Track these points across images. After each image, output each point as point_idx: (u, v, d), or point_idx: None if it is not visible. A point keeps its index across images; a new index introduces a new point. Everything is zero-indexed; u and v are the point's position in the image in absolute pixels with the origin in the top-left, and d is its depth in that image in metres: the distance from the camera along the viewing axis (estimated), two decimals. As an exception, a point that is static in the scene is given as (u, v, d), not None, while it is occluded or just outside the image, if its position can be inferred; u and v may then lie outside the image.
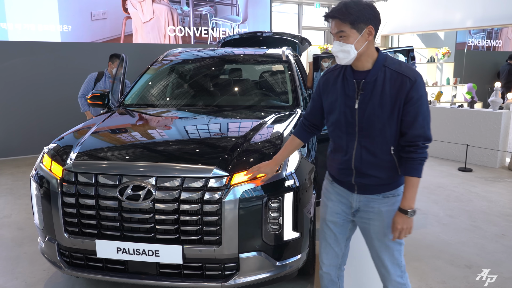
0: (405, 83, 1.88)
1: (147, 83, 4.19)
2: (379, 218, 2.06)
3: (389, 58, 1.97)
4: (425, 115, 1.91)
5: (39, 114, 7.19)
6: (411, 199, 1.97)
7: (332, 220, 2.20)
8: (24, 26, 7.04)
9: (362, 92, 1.94)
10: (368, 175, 2.02)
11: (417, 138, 1.91)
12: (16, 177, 5.97)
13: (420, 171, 1.96)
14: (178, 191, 2.45)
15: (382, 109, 1.92)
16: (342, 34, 1.89)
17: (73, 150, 2.78)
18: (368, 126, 1.95)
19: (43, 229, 2.78)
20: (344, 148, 2.05)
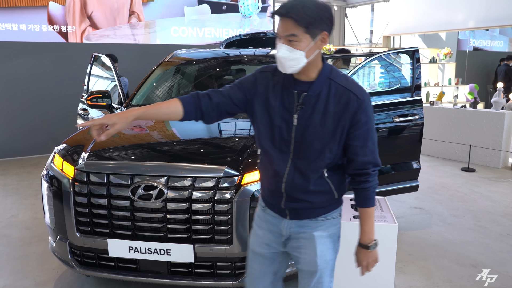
0: (352, 101, 1.63)
1: (154, 84, 4.22)
2: (311, 245, 1.79)
3: (335, 70, 1.71)
4: (374, 139, 1.72)
5: (43, 114, 7.21)
6: (370, 231, 1.79)
7: (260, 252, 1.88)
8: (28, 26, 7.07)
9: (303, 107, 1.66)
10: (300, 200, 1.75)
11: (367, 165, 1.70)
12: (21, 177, 6.00)
13: (373, 200, 1.76)
14: (189, 191, 2.48)
15: (324, 129, 1.66)
16: (293, 38, 1.57)
17: (84, 150, 2.81)
18: (306, 146, 1.68)
19: (54, 229, 2.81)
20: (275, 167, 1.75)
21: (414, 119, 3.99)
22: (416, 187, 4.18)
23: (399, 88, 4.18)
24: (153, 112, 1.73)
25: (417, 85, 4.07)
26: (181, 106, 1.72)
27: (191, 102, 1.74)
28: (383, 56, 4.14)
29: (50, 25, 7.25)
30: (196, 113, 1.75)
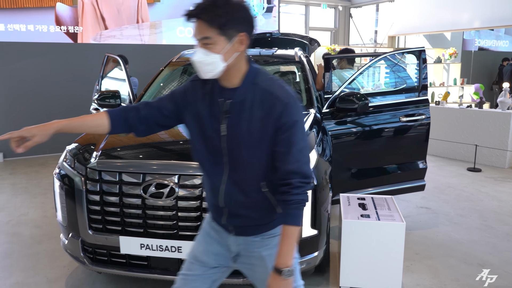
0: (276, 105, 1.51)
1: (161, 84, 4.26)
2: (262, 264, 1.68)
3: (261, 73, 1.59)
4: (301, 147, 1.53)
5: (49, 114, 7.26)
6: (286, 254, 1.52)
7: (204, 260, 1.75)
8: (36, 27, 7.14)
9: (229, 115, 1.56)
10: (241, 215, 1.65)
11: (291, 175, 1.51)
12: (30, 176, 6.05)
13: (297, 218, 1.53)
14: (200, 189, 2.52)
15: (251, 137, 1.54)
16: (207, 41, 1.47)
17: (96, 149, 2.85)
18: (237, 157, 1.57)
19: (66, 226, 2.85)
20: (211, 181, 1.66)
21: (421, 118, 4.01)
22: (423, 187, 4.21)
23: (405, 88, 4.20)
24: (77, 125, 1.65)
25: (424, 85, 4.10)
26: (108, 119, 1.64)
27: (118, 115, 1.66)
28: (389, 56, 4.16)
29: (57, 26, 7.32)
30: (123, 126, 1.68)
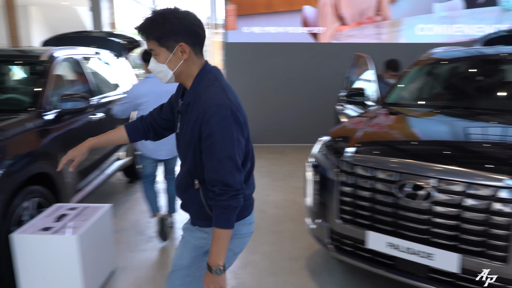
0: (203, 112, 1.60)
1: (410, 83, 4.15)
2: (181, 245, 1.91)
3: (206, 80, 1.67)
4: (221, 157, 1.58)
5: (291, 105, 7.96)
6: (216, 254, 1.65)
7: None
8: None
9: (179, 115, 1.75)
10: (184, 201, 1.84)
11: (214, 183, 1.61)
12: (271, 162, 6.76)
13: (221, 221, 1.62)
14: (461, 197, 2.35)
15: (186, 137, 1.70)
16: (153, 52, 1.65)
17: (350, 143, 2.96)
18: (181, 154, 1.79)
19: (315, 212, 3.07)
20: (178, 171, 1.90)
21: None
22: None
23: None
24: (104, 140, 1.99)
25: None
26: (125, 132, 1.96)
27: (132, 127, 1.97)
28: None
29: (303, 27, 7.92)
30: (138, 135, 1.98)
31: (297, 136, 8.00)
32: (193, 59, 1.68)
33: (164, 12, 1.60)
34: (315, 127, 7.89)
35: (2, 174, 2.69)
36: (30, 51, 4.38)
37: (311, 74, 7.91)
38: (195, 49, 1.67)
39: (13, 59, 4.22)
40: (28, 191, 2.96)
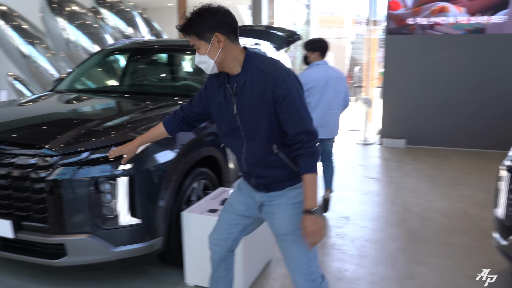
0: (269, 81, 1.82)
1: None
2: (279, 211, 1.98)
3: (257, 57, 1.91)
4: (300, 110, 1.83)
5: (453, 100, 7.12)
6: (312, 197, 1.84)
7: (236, 208, 2.15)
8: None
9: (237, 96, 1.89)
10: (263, 176, 1.98)
11: (299, 135, 1.82)
12: (431, 165, 6.12)
13: (312, 167, 1.83)
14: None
15: (256, 111, 1.86)
16: (195, 47, 1.88)
17: None
18: (249, 129, 1.92)
19: (509, 227, 2.56)
20: (236, 154, 2.06)
21: None
22: None
23: None
24: (149, 137, 2.26)
25: None
26: (163, 127, 2.19)
27: (168, 122, 2.19)
28: None
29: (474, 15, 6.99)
30: (174, 129, 2.20)
31: (462, 140, 7.13)
32: (230, 46, 1.87)
33: (199, 11, 1.84)
34: (487, 131, 6.94)
35: (177, 154, 2.82)
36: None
37: (486, 70, 6.93)
38: (230, 37, 1.87)
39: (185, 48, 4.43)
40: (197, 173, 3.06)
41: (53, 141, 2.53)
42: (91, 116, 3.21)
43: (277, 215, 1.99)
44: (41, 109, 3.41)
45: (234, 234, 2.17)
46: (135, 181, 2.54)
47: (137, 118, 3.00)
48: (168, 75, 4.62)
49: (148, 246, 2.66)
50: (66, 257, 2.50)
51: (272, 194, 1.99)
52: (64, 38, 7.15)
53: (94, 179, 2.46)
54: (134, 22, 7.93)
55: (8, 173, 2.50)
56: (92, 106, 3.51)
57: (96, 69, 4.53)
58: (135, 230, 2.60)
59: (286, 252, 2.01)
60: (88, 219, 2.48)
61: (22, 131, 2.80)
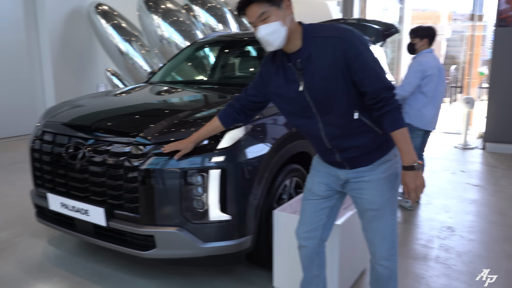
0: (337, 45, 1.72)
1: None
2: (371, 187, 1.91)
3: (314, 27, 1.81)
4: (374, 67, 1.74)
5: None
6: (409, 152, 1.76)
7: (316, 191, 2.05)
8: None
9: (302, 72, 1.80)
10: (348, 147, 1.88)
11: (380, 92, 1.73)
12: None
13: (401, 121, 1.76)
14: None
15: (329, 80, 1.76)
16: (264, 16, 1.72)
17: None
18: (323, 102, 1.81)
19: None
20: (312, 133, 1.92)
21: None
22: None
23: None
24: (204, 133, 2.29)
25: None
26: (219, 121, 2.22)
27: (223, 115, 2.21)
28: None
29: None
30: (230, 121, 2.21)
31: None
32: (293, 16, 1.79)
33: None
34: None
35: (271, 148, 2.64)
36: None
37: None
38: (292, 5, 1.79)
39: None
40: (289, 169, 2.87)
41: (146, 130, 2.47)
42: (182, 107, 3.15)
43: (368, 190, 1.93)
44: (135, 100, 3.41)
45: (323, 221, 2.08)
46: (228, 175, 2.40)
47: None
48: (257, 67, 4.49)
49: (237, 245, 2.51)
50: (155, 249, 2.44)
51: (360, 170, 1.92)
52: (158, 35, 7.37)
53: (185, 171, 2.36)
54: (225, 19, 7.98)
55: (103, 160, 2.49)
56: (183, 98, 3.45)
57: (188, 62, 4.53)
58: (225, 227, 2.46)
59: (372, 224, 1.96)
60: (178, 211, 2.39)
61: (117, 119, 2.78)
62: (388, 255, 1.97)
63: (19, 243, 3.27)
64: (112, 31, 7.75)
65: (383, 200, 1.91)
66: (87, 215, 2.54)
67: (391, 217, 1.94)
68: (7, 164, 5.71)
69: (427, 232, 3.64)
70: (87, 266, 2.92)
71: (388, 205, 1.92)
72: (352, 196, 2.01)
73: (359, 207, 2.00)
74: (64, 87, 8.09)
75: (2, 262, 2.99)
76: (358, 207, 2.01)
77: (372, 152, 1.89)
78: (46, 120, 2.92)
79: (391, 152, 1.92)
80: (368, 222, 1.98)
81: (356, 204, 2.01)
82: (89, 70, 8.58)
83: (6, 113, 7.55)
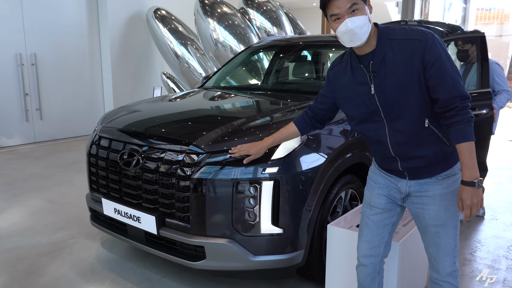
0: (416, 47, 1.64)
1: None
2: (435, 202, 1.81)
3: (390, 29, 1.73)
4: (452, 74, 1.64)
5: None
6: (473, 167, 1.65)
7: (376, 205, 1.95)
8: None
9: (374, 74, 1.72)
10: (413, 157, 1.78)
11: (453, 100, 1.63)
12: None
13: (470, 134, 1.64)
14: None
15: (403, 84, 1.68)
16: (355, 7, 1.63)
17: None
18: (393, 107, 1.72)
19: None
20: (377, 139, 1.83)
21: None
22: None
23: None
24: (279, 138, 2.21)
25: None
26: (295, 127, 2.16)
27: (300, 121, 2.15)
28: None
29: None
30: (307, 128, 2.15)
31: None
32: None
33: None
34: None
35: (326, 160, 2.51)
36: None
37: None
38: None
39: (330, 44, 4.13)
40: (345, 181, 2.72)
41: (200, 138, 2.43)
42: (236, 114, 3.07)
43: (432, 206, 1.83)
44: (189, 106, 3.38)
45: (385, 238, 2.00)
46: (281, 187, 2.30)
47: (281, 119, 2.76)
48: (312, 73, 4.35)
49: (289, 259, 2.40)
50: (204, 260, 2.39)
51: (423, 182, 1.82)
52: (213, 38, 7.42)
53: (237, 181, 2.29)
54: (280, 22, 7.90)
55: (156, 168, 2.47)
56: (237, 104, 3.39)
57: (242, 66, 4.49)
58: (276, 240, 2.36)
59: (435, 240, 1.86)
60: (229, 223, 2.32)
61: (171, 126, 2.76)
62: (451, 271, 1.88)
63: (74, 245, 3.35)
64: (169, 35, 7.90)
65: (447, 215, 1.81)
66: (139, 222, 2.54)
67: (454, 232, 1.85)
68: (68, 164, 5.94)
69: (493, 251, 3.35)
70: (138, 271, 2.93)
71: (452, 220, 1.83)
72: (413, 211, 1.91)
73: (421, 222, 1.89)
74: (121, 90, 8.35)
75: (58, 263, 3.06)
76: (419, 222, 1.91)
77: (436, 163, 1.80)
78: (102, 126, 2.96)
79: (457, 165, 1.82)
80: (431, 238, 1.88)
81: (417, 219, 1.91)
82: (146, 73, 8.81)
83: (69, 114, 7.89)
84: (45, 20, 7.37)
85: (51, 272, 2.94)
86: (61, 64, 7.70)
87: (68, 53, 7.79)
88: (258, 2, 8.05)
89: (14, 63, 7.05)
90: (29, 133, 7.40)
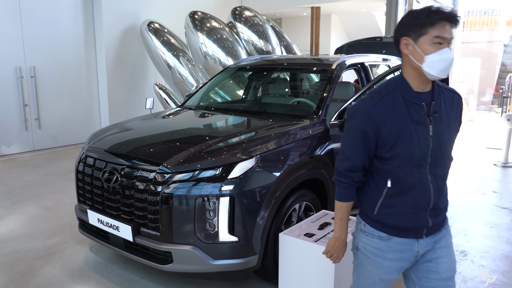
0: (458, 100, 1.76)
1: None
2: (448, 253, 1.80)
3: None
4: None
5: None
6: None
7: (389, 278, 1.83)
8: None
9: (435, 115, 1.67)
10: (441, 208, 1.76)
11: None
12: None
13: None
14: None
15: (450, 131, 1.73)
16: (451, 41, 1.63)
17: None
18: (442, 153, 1.70)
19: None
20: (418, 185, 1.68)
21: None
22: None
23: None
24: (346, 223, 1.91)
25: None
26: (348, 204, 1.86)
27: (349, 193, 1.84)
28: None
29: None
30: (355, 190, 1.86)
31: None
32: None
33: None
34: None
35: (281, 174, 2.93)
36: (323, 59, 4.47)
37: None
38: None
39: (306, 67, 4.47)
40: (299, 194, 3.14)
41: (169, 160, 2.85)
42: (207, 135, 3.49)
43: (445, 258, 1.78)
44: (167, 127, 3.83)
45: None
46: (236, 202, 2.73)
47: (251, 139, 3.11)
48: (288, 93, 4.75)
49: (244, 263, 2.83)
50: (172, 263, 2.81)
51: (437, 235, 1.78)
52: (203, 51, 7.84)
53: (199, 197, 2.71)
54: (266, 35, 8.31)
55: (132, 184, 2.90)
56: (211, 125, 3.81)
57: (221, 86, 4.89)
58: (233, 247, 2.79)
59: None
60: (193, 232, 2.75)
61: (146, 148, 3.19)
62: None
63: (66, 249, 3.78)
64: (161, 46, 8.34)
65: (455, 264, 1.83)
66: (118, 231, 2.97)
67: None
68: (63, 172, 6.38)
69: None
70: (120, 273, 3.36)
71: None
72: (423, 271, 1.82)
73: (433, 278, 1.80)
74: (117, 100, 8.80)
75: (51, 265, 3.49)
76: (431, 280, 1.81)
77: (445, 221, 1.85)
78: (89, 145, 3.40)
79: None
80: None
81: (429, 276, 1.80)
82: (140, 84, 9.25)
83: (66, 123, 8.34)
84: (43, 35, 7.83)
85: (44, 273, 3.36)
86: (58, 76, 8.16)
87: (66, 65, 8.24)
88: (245, 16, 8.47)
89: (14, 76, 7.51)
90: (28, 141, 7.85)
